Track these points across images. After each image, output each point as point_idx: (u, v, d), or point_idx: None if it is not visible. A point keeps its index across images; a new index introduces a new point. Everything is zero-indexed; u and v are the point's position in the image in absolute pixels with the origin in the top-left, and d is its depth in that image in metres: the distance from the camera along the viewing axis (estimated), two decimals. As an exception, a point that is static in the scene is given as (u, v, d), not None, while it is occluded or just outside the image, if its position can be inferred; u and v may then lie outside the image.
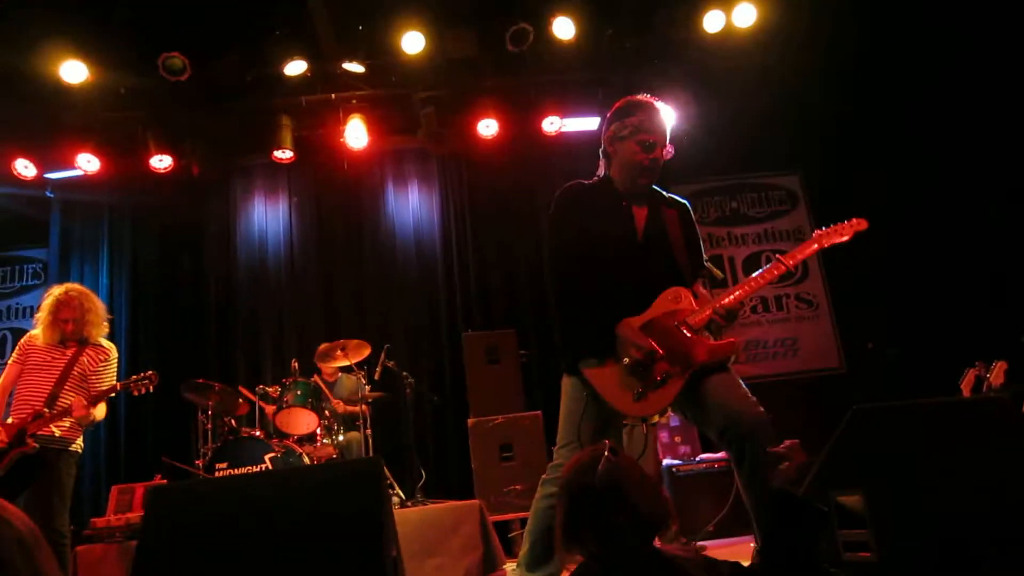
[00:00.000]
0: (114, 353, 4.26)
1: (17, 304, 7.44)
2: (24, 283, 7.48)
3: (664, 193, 2.95)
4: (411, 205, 7.72)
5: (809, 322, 7.17)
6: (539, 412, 5.69)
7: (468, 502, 5.08)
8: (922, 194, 7.20)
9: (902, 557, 2.45)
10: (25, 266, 7.51)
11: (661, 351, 2.58)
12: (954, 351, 5.61)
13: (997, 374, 5.08)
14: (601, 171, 2.95)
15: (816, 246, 2.82)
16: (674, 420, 6.49)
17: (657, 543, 1.95)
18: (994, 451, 2.73)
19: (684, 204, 2.97)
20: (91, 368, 4.13)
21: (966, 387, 5.11)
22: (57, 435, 4.02)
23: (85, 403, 3.97)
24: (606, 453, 1.96)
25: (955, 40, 6.47)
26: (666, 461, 6.17)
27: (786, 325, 5.29)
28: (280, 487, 2.46)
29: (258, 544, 2.25)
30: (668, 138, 2.84)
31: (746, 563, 2.01)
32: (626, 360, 2.58)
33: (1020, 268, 6.91)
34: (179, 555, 2.28)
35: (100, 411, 4.12)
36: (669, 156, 2.87)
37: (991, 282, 6.89)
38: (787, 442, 2.38)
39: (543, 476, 2.81)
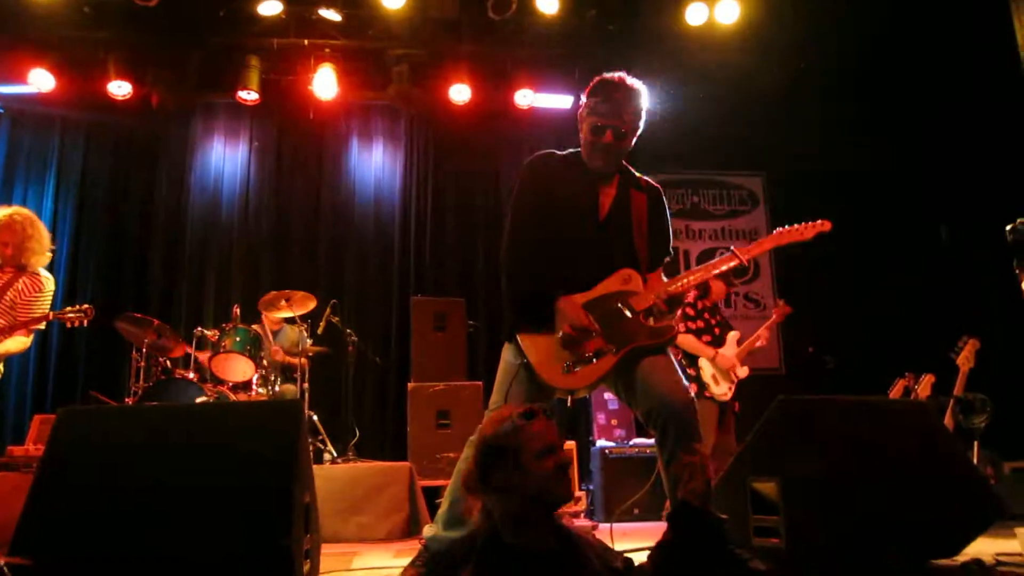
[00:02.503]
0: (50, 285, 4.11)
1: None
2: (-35, 200, 7.25)
3: (637, 176, 2.90)
4: (374, 162, 7.62)
5: (755, 322, 7.12)
6: (480, 383, 5.69)
7: (398, 464, 5.05)
8: (878, 206, 7.34)
9: (810, 545, 2.50)
10: (-33, 184, 7.11)
11: (597, 328, 2.58)
12: (887, 362, 5.70)
13: (924, 386, 5.21)
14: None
15: (773, 242, 2.84)
16: (612, 402, 6.51)
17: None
18: (910, 452, 2.80)
19: (657, 190, 2.92)
20: (22, 298, 3.99)
21: (894, 396, 5.24)
22: None
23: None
24: (516, 415, 2.03)
25: (935, 51, 6.53)
26: (599, 443, 6.19)
27: (732, 323, 5.26)
28: (196, 422, 2.40)
29: (165, 477, 2.18)
30: (631, 124, 2.73)
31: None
32: (560, 333, 2.56)
33: (960, 287, 7.08)
34: (80, 482, 2.21)
35: (15, 343, 3.95)
36: (630, 141, 2.77)
37: (930, 298, 7.03)
38: (696, 456, 2.46)
39: (469, 438, 2.78)
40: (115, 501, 2.16)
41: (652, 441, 2.57)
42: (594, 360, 2.57)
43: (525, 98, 7.08)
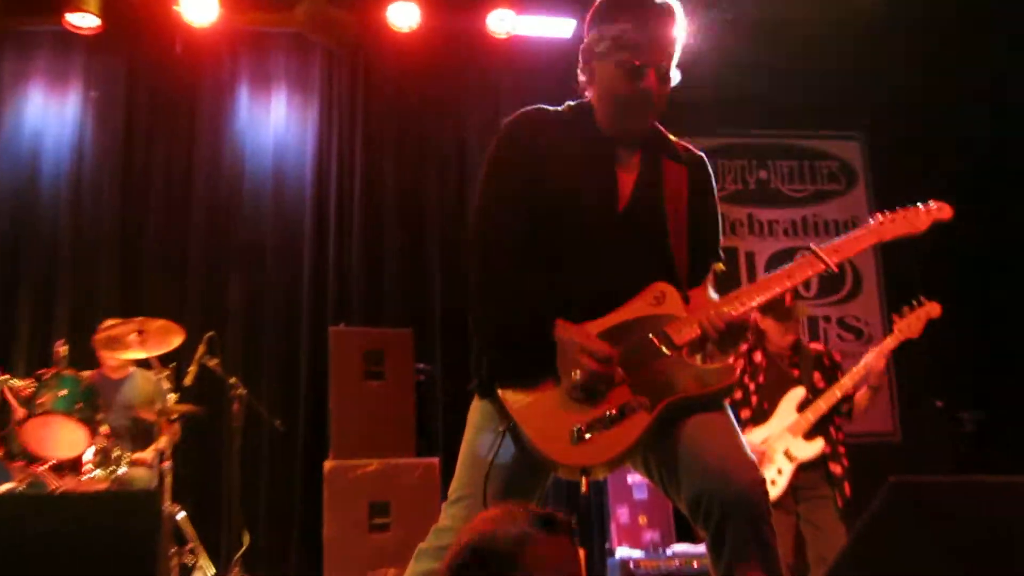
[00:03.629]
0: None
1: None
2: None
3: (672, 140, 2.99)
4: (274, 120, 7.63)
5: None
6: (435, 460, 5.74)
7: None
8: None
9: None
10: None
11: (622, 371, 2.64)
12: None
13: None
14: (586, 96, 2.98)
15: (874, 238, 2.90)
16: (640, 488, 6.46)
17: None
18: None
19: (701, 159, 3.01)
20: None
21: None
22: None
23: None
24: (530, 517, 2.05)
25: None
26: (620, 551, 6.15)
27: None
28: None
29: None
30: (675, 60, 2.80)
31: None
32: (569, 378, 2.60)
33: None
34: None
35: None
36: (671, 86, 2.83)
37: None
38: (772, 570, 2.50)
39: (420, 545, 2.85)
40: None
41: (702, 548, 2.70)
42: (617, 421, 2.60)
43: (503, 22, 7.12)
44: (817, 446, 5.17)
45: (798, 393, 5.29)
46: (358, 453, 5.76)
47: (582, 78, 2.92)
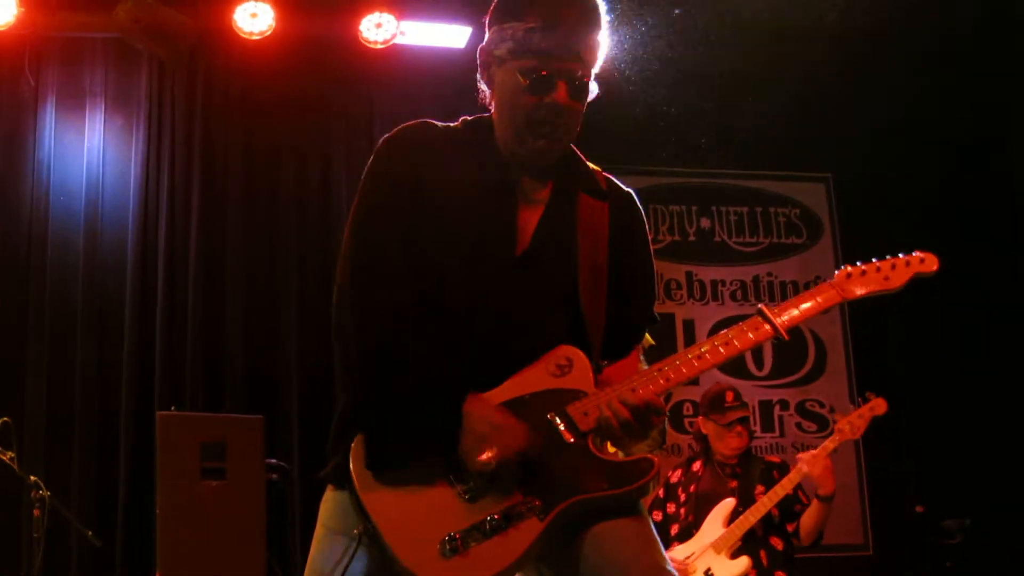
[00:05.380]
0: None
1: None
2: None
3: (593, 169, 2.95)
4: (88, 147, 7.12)
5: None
6: None
7: None
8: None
9: None
10: None
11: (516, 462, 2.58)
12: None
13: None
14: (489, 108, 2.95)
15: (837, 296, 2.75)
16: None
17: None
18: None
19: (628, 195, 2.96)
20: None
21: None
22: None
23: None
24: None
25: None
26: None
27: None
28: None
29: None
30: (591, 68, 2.72)
31: None
32: (473, 463, 2.50)
33: None
34: None
35: None
36: (586, 102, 2.78)
37: None
38: None
39: None
40: None
41: None
42: (500, 530, 2.48)
43: (381, 28, 6.89)
44: (741, 565, 5.15)
45: (727, 505, 5.30)
46: (193, 571, 5.50)
47: (483, 87, 2.87)
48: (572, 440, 2.57)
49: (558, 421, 2.59)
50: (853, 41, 6.97)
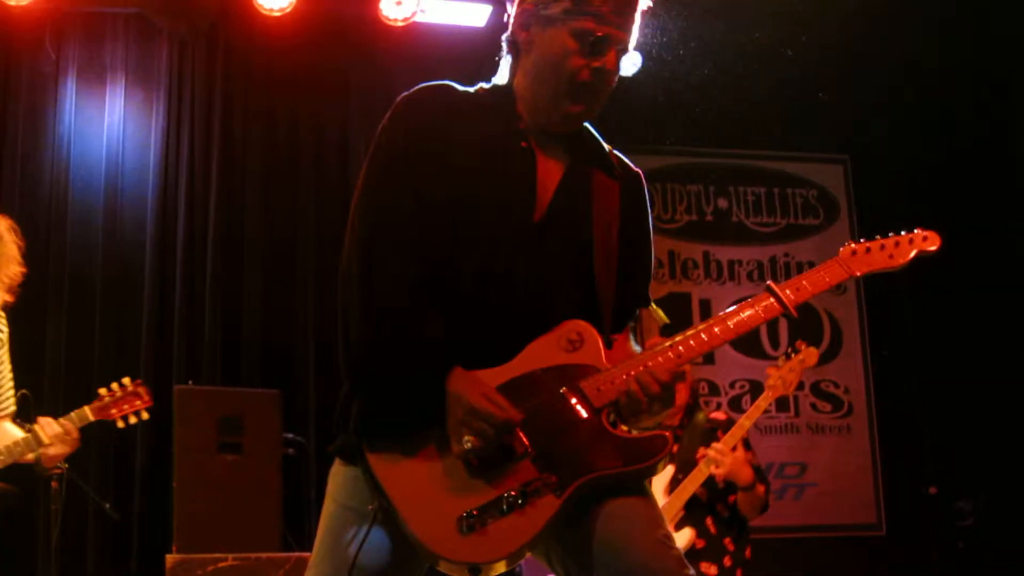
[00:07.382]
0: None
1: None
2: None
3: (606, 148, 2.92)
4: (108, 122, 7.15)
5: (833, 437, 7.49)
6: (308, 555, 5.60)
7: None
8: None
9: None
10: None
11: (526, 440, 2.53)
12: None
13: None
14: (502, 76, 2.91)
15: (843, 272, 2.76)
16: None
17: None
18: None
19: (637, 176, 2.94)
20: None
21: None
22: None
23: None
24: None
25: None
26: None
27: (792, 440, 5.90)
28: None
29: None
30: (632, 42, 2.74)
31: None
32: (457, 447, 2.48)
33: None
34: None
35: None
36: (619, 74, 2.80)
37: None
38: None
39: None
40: None
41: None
42: (517, 506, 2.49)
43: (400, 7, 6.96)
44: (684, 538, 5.01)
45: (666, 473, 5.12)
46: (209, 545, 5.45)
47: (505, 53, 2.86)
48: (587, 416, 2.59)
49: (572, 397, 2.60)
50: (873, 22, 6.96)
